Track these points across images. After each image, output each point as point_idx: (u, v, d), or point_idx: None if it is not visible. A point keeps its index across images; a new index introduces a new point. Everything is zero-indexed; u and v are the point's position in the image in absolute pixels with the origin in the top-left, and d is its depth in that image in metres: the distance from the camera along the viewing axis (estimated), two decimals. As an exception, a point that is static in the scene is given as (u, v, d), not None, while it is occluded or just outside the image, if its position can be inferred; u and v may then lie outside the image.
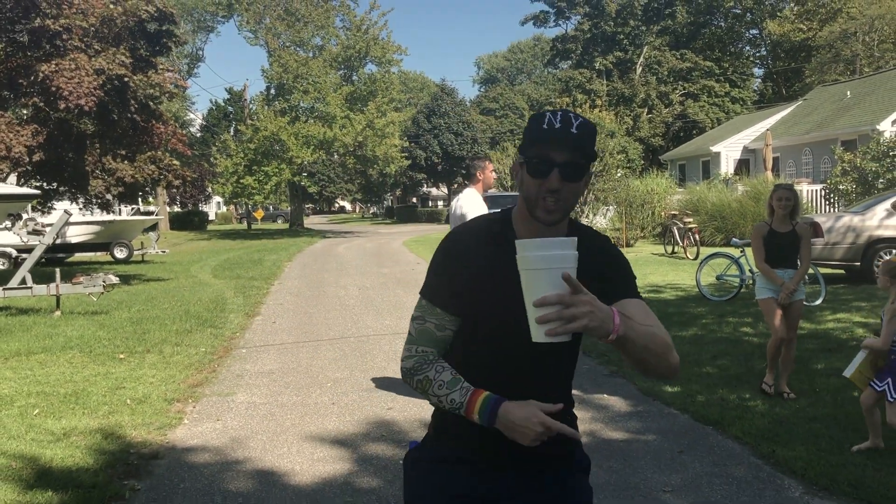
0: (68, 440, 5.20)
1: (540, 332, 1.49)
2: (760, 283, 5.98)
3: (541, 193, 1.75)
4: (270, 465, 4.73)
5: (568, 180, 1.74)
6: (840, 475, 4.19)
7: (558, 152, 1.72)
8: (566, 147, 1.72)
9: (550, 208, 1.75)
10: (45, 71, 11.91)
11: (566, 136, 1.72)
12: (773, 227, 5.83)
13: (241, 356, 8.16)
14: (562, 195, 1.74)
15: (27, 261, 10.90)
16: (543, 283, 1.49)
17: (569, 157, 1.73)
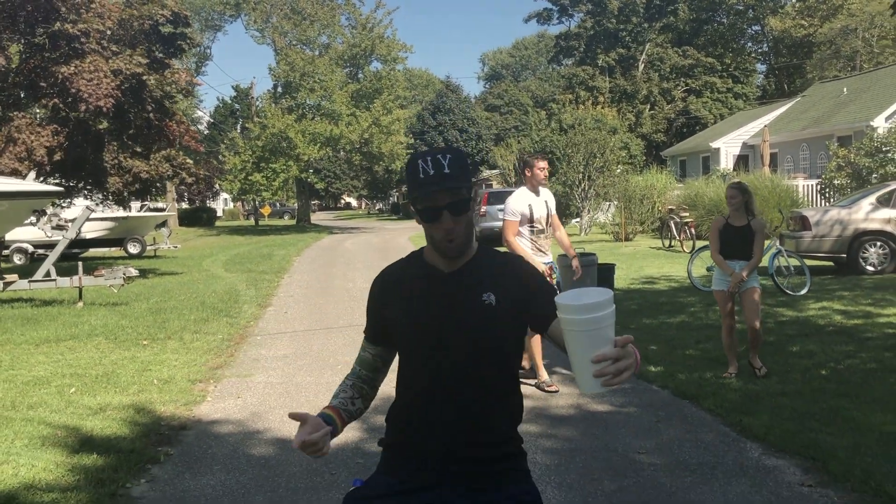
0: (104, 414, 5.74)
1: (594, 384, 1.59)
2: (717, 276, 6.39)
3: (438, 235, 1.93)
4: (288, 434, 5.26)
5: (458, 215, 1.91)
6: (796, 439, 4.71)
7: (441, 196, 1.89)
8: (446, 190, 1.88)
9: (452, 245, 1.93)
10: (65, 73, 12.47)
11: (442, 180, 1.88)
12: (728, 222, 6.26)
13: (256, 342, 8.71)
14: (456, 231, 1.91)
15: (51, 254, 11.48)
16: (595, 341, 1.58)
17: (451, 197, 1.89)
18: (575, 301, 1.60)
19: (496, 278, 1.98)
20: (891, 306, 9.29)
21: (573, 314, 1.58)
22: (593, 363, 1.57)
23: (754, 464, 4.45)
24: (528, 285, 1.99)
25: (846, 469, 4.19)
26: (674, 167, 34.37)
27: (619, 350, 1.58)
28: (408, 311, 1.99)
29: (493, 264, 2.01)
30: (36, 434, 5.19)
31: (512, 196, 6.43)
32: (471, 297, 1.96)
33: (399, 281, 2.05)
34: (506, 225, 6.35)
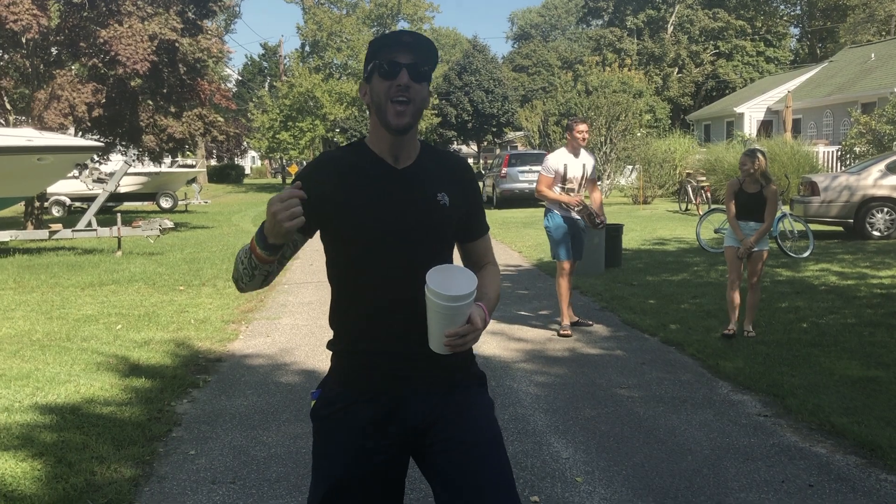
0: (148, 347, 6.44)
1: (441, 347, 1.82)
2: (728, 234, 6.67)
3: (391, 94, 1.88)
4: (312, 367, 5.92)
5: (415, 81, 1.89)
6: (762, 379, 5.26)
7: (404, 55, 1.89)
8: (409, 51, 1.90)
9: (400, 110, 1.88)
10: (105, 36, 13.06)
11: (408, 42, 1.91)
12: (742, 187, 6.48)
13: (283, 290, 9.38)
14: (410, 94, 1.88)
15: (92, 206, 12.22)
16: (450, 321, 1.79)
17: (413, 58, 1.90)
18: (442, 289, 1.75)
19: (446, 180, 1.99)
20: (886, 269, 9.71)
21: (438, 300, 1.75)
22: (446, 336, 1.78)
23: (721, 398, 5.02)
24: (470, 197, 2.04)
25: (801, 403, 4.74)
26: (698, 131, 34.38)
27: (467, 327, 1.79)
28: (362, 206, 1.90)
29: (442, 166, 2.01)
30: (91, 361, 5.90)
31: (551, 154, 6.95)
32: (427, 196, 1.94)
33: (344, 171, 1.94)
34: (540, 178, 6.88)
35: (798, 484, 3.69)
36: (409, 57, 1.89)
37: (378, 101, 1.90)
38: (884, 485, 3.66)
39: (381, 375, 1.93)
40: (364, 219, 1.89)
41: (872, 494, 3.56)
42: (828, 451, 4.08)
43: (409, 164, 1.97)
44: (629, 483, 3.73)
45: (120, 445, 4.21)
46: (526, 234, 15.05)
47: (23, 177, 11.35)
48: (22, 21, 12.48)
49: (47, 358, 6.00)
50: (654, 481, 3.75)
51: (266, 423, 4.68)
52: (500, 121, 51.77)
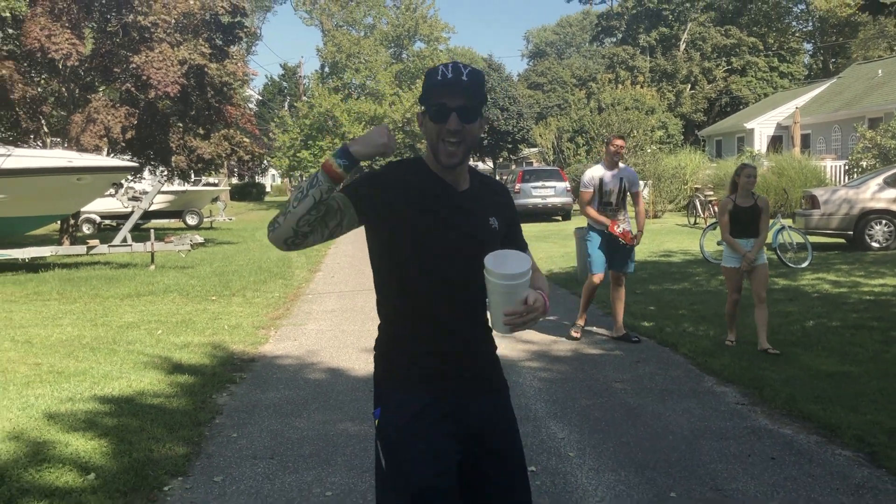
0: (188, 349, 7.07)
1: (503, 327, 1.96)
2: (727, 253, 6.71)
3: (442, 136, 2.00)
4: (336, 366, 6.53)
5: (465, 122, 1.99)
6: (745, 374, 5.80)
7: (453, 98, 1.98)
8: (459, 93, 1.98)
9: (451, 151, 2.00)
10: (138, 62, 13.87)
11: (458, 84, 1.98)
12: (736, 203, 6.57)
13: (308, 300, 10.02)
14: (460, 136, 1.99)
15: (128, 222, 12.97)
16: (509, 299, 1.92)
17: (463, 101, 1.99)
18: (498, 268, 1.90)
19: (496, 205, 2.17)
20: (879, 278, 10.19)
21: (497, 279, 1.89)
22: (505, 314, 1.93)
23: (705, 390, 5.57)
24: (512, 219, 2.23)
25: (776, 394, 5.28)
26: (710, 147, 34.84)
27: (526, 307, 1.93)
28: (428, 223, 2.02)
29: (490, 191, 2.19)
30: (138, 361, 6.54)
31: (588, 170, 7.29)
32: (483, 218, 2.10)
33: (407, 185, 2.05)
34: (581, 195, 7.21)
35: (762, 457, 4.24)
36: (459, 99, 1.98)
37: (431, 140, 2.02)
38: (838, 458, 4.20)
39: (440, 378, 2.05)
40: (429, 235, 2.02)
41: (826, 465, 4.11)
42: (793, 432, 4.63)
43: (466, 187, 2.12)
44: (615, 457, 4.30)
45: (171, 429, 4.82)
46: (539, 247, 15.61)
47: (63, 196, 12.12)
48: (62, 50, 13.30)
49: (98, 358, 6.65)
50: (637, 456, 4.31)
51: (297, 411, 5.29)
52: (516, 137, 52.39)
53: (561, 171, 24.58)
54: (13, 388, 5.63)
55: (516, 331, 1.96)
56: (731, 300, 6.74)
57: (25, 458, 4.21)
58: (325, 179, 1.90)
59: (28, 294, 10.47)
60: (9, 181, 11.52)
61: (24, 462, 4.15)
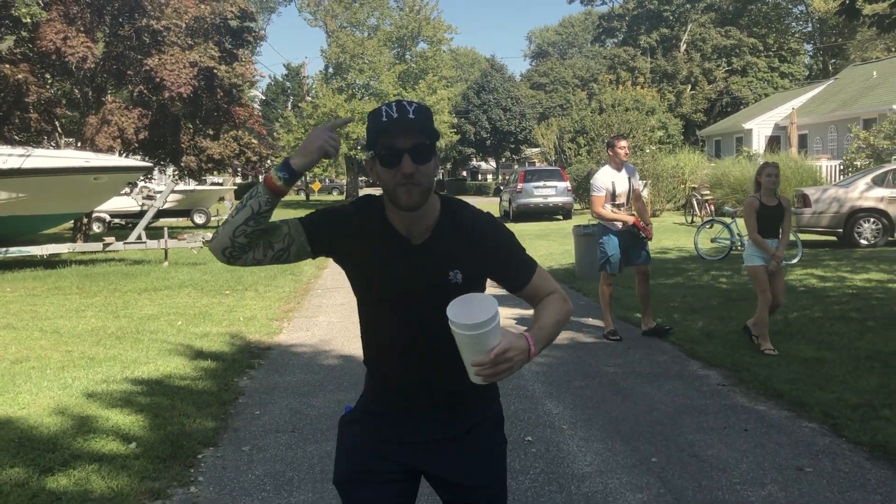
0: (208, 338, 7.53)
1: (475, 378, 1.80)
2: (750, 252, 6.51)
3: (397, 181, 1.84)
4: (348, 353, 6.98)
5: (419, 163, 1.84)
6: (727, 359, 6.25)
7: (403, 139, 1.83)
8: (409, 132, 1.83)
9: (409, 192, 1.85)
10: (151, 64, 14.35)
11: (406, 123, 1.83)
12: (762, 202, 6.41)
13: (317, 294, 10.48)
14: (416, 178, 1.84)
15: (142, 220, 13.45)
16: (475, 348, 1.76)
17: (414, 140, 1.84)
18: (459, 318, 1.75)
19: (464, 251, 1.96)
20: (865, 273, 10.63)
21: (458, 329, 1.75)
22: (473, 365, 1.77)
23: (690, 373, 6.03)
24: (497, 255, 1.99)
25: (753, 376, 5.74)
26: (709, 147, 35.26)
27: (494, 358, 1.74)
28: (376, 277, 1.97)
29: (461, 234, 1.96)
30: (162, 348, 7.00)
31: (598, 174, 7.35)
32: (437, 275, 1.94)
33: (360, 231, 1.96)
34: (594, 200, 7.25)
35: (736, 429, 4.69)
36: (409, 139, 1.84)
37: (386, 186, 1.88)
38: (804, 430, 4.66)
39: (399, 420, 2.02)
40: (376, 290, 1.98)
41: (793, 435, 4.56)
42: (767, 408, 5.08)
43: (425, 238, 1.95)
44: (603, 429, 4.75)
45: (200, 407, 5.28)
46: (539, 245, 16.07)
47: (81, 195, 12.59)
48: (79, 53, 13.77)
49: (125, 346, 7.11)
50: (623, 427, 4.77)
51: (314, 392, 5.75)
52: (518, 137, 52.89)
53: (562, 171, 25.03)
54: (50, 372, 6.09)
55: (489, 381, 1.79)
56: (764, 301, 6.44)
57: (72, 429, 4.68)
58: (265, 191, 1.84)
59: (49, 288, 10.94)
60: (29, 180, 12.00)
61: (72, 433, 4.61)
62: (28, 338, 7.50)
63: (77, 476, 3.97)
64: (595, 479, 4.00)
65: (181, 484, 4.02)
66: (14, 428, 4.67)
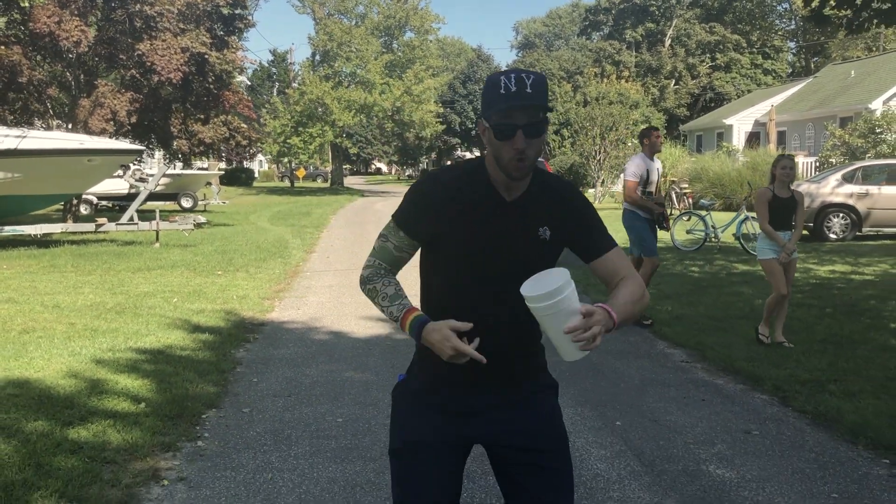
0: (204, 314, 7.90)
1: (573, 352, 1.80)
2: (763, 245, 6.51)
3: (509, 154, 1.88)
4: (338, 329, 7.39)
5: (532, 138, 1.88)
6: (693, 339, 6.72)
7: (519, 114, 1.86)
8: (525, 109, 1.86)
9: (519, 167, 1.90)
10: (143, 49, 14.61)
11: (524, 98, 1.85)
12: (775, 193, 6.37)
13: (306, 276, 10.87)
14: (527, 153, 1.88)
15: (134, 202, 13.75)
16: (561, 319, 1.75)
17: (530, 117, 1.87)
18: (534, 291, 1.77)
19: (552, 211, 2.03)
20: (830, 265, 11.16)
21: (536, 303, 1.76)
22: (566, 335, 1.76)
23: (658, 352, 6.49)
24: (580, 220, 2.05)
25: (716, 353, 6.21)
26: (691, 142, 35.85)
27: (585, 320, 1.77)
28: (470, 234, 2.00)
29: (550, 196, 2.04)
30: (161, 322, 7.37)
31: (632, 160, 7.62)
32: (529, 230, 2.00)
33: (457, 194, 2.01)
34: (628, 184, 7.47)
35: (695, 399, 5.16)
36: (525, 115, 1.88)
37: (497, 155, 1.93)
38: (756, 400, 5.13)
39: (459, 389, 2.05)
40: (470, 247, 2.00)
41: (745, 405, 5.03)
42: (724, 382, 5.56)
43: (518, 195, 2.02)
44: (575, 398, 5.19)
45: (201, 374, 5.66)
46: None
47: (74, 176, 12.86)
48: (73, 37, 14.01)
49: (125, 320, 7.47)
50: (592, 396, 5.22)
51: (307, 363, 6.15)
52: (503, 129, 53.15)
53: (546, 163, 25.47)
54: (58, 341, 6.46)
55: (588, 349, 1.83)
56: (779, 294, 6.39)
57: (86, 390, 5.06)
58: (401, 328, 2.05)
59: (44, 266, 11.24)
60: (24, 161, 12.27)
61: (86, 393, 4.99)
62: (31, 311, 7.83)
63: (94, 429, 4.36)
64: (565, 438, 4.44)
65: (189, 439, 4.42)
66: (33, 388, 5.05)
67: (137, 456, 4.08)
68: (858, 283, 9.53)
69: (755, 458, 4.14)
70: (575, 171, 26.67)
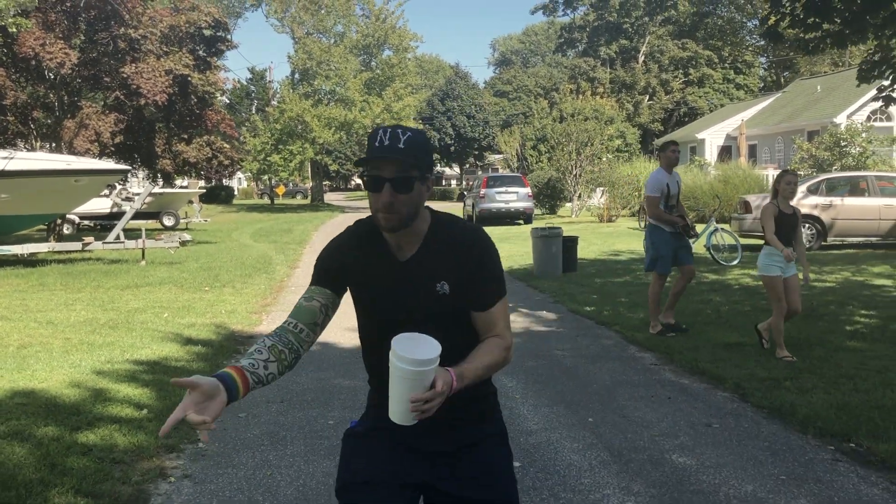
0: (194, 328, 8.20)
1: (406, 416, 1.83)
2: (767, 261, 6.46)
3: (377, 206, 1.92)
4: (324, 340, 7.70)
5: (400, 192, 1.90)
6: (662, 344, 7.12)
7: (388, 168, 1.90)
8: (395, 163, 1.90)
9: (387, 217, 1.93)
10: (128, 72, 14.93)
11: (394, 153, 1.89)
12: (780, 209, 6.37)
13: (291, 291, 11.18)
14: (395, 207, 1.90)
15: (120, 221, 14.01)
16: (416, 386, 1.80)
17: (398, 171, 1.89)
18: (410, 354, 1.79)
19: (451, 264, 2.01)
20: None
21: (403, 363, 1.79)
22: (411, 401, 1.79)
23: (629, 356, 6.89)
24: (476, 271, 2.02)
25: (682, 356, 6.61)
26: (665, 156, 36.55)
27: (431, 392, 1.79)
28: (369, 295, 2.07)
29: (449, 248, 2.03)
30: (154, 336, 7.66)
31: (652, 176, 7.77)
32: (426, 287, 2.01)
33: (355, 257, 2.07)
34: (650, 200, 7.59)
35: (661, 397, 5.55)
36: (392, 168, 1.90)
37: (371, 206, 1.97)
38: (718, 397, 5.53)
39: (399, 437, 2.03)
40: (371, 307, 2.08)
41: (708, 402, 5.43)
42: (689, 382, 5.95)
43: (412, 253, 2.03)
44: (550, 398, 5.57)
45: (196, 383, 5.97)
46: (500, 248, 16.40)
47: (61, 196, 13.10)
48: (56, 59, 14.29)
49: (119, 334, 7.75)
50: (566, 396, 5.59)
51: (297, 372, 6.44)
52: (482, 144, 53.86)
53: (523, 178, 26.00)
54: (57, 355, 6.73)
55: (420, 418, 1.83)
56: (778, 311, 6.42)
57: (90, 398, 5.35)
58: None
59: (33, 285, 11.46)
60: (12, 182, 12.49)
61: (90, 401, 5.29)
62: (26, 327, 8.09)
63: (102, 433, 4.66)
64: (540, 434, 4.81)
65: (190, 440, 4.73)
66: (39, 397, 5.34)
67: (144, 456, 4.39)
68: (820, 290, 10.00)
69: (714, 447, 4.53)
70: (552, 186, 27.17)
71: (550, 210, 28.18)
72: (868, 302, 9.13)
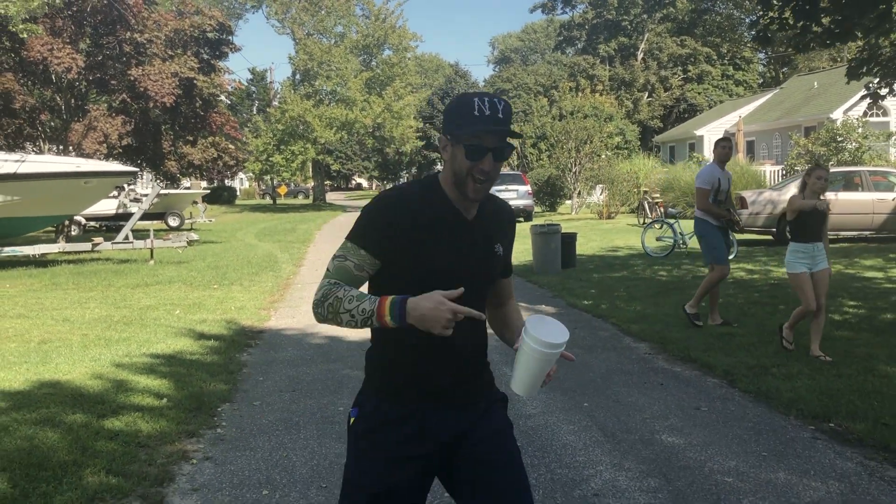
0: (206, 323, 8.50)
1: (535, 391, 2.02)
2: (793, 258, 6.32)
3: (472, 173, 1.97)
4: (332, 334, 8.01)
5: (498, 161, 1.99)
6: (657, 335, 7.42)
7: (490, 137, 1.95)
8: (497, 133, 1.96)
9: (479, 187, 1.99)
10: (135, 75, 15.23)
11: (496, 122, 1.95)
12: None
13: (298, 288, 11.48)
14: (491, 176, 1.99)
15: (129, 222, 14.30)
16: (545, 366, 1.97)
17: (500, 140, 1.97)
18: (547, 338, 1.90)
19: (500, 229, 2.18)
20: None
21: (543, 347, 1.90)
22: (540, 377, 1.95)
23: (624, 346, 7.18)
24: (511, 242, 2.24)
25: (675, 346, 6.91)
26: (664, 153, 36.83)
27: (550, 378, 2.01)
28: (436, 251, 2.03)
29: (495, 215, 2.17)
30: (168, 332, 7.96)
31: (704, 169, 7.91)
32: (488, 247, 2.13)
33: (417, 212, 2.03)
34: (700, 193, 7.67)
35: (654, 384, 5.84)
36: (496, 139, 1.97)
37: (458, 172, 2.00)
38: (708, 383, 5.83)
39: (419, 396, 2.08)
40: (436, 263, 2.03)
41: (698, 387, 5.72)
42: (681, 370, 6.25)
43: (475, 214, 2.11)
44: (547, 386, 5.83)
45: (212, 375, 6.27)
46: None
47: (71, 198, 13.41)
48: (64, 63, 14.59)
49: (134, 330, 8.05)
50: (563, 384, 5.89)
51: (306, 364, 6.78)
52: (481, 143, 53.96)
53: (523, 176, 26.28)
54: (76, 349, 7.04)
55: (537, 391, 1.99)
56: (807, 308, 6.25)
57: (112, 389, 5.66)
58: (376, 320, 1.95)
59: (46, 284, 11.77)
60: (24, 184, 12.81)
61: (113, 391, 5.59)
62: (43, 324, 8.39)
63: (126, 420, 4.97)
64: (538, 418, 5.10)
65: (209, 427, 5.03)
66: (65, 387, 5.64)
67: (167, 441, 4.69)
68: (812, 283, 10.28)
69: (702, 428, 4.82)
70: (552, 184, 27.46)
71: (550, 207, 28.47)
72: (857, 293, 9.42)
